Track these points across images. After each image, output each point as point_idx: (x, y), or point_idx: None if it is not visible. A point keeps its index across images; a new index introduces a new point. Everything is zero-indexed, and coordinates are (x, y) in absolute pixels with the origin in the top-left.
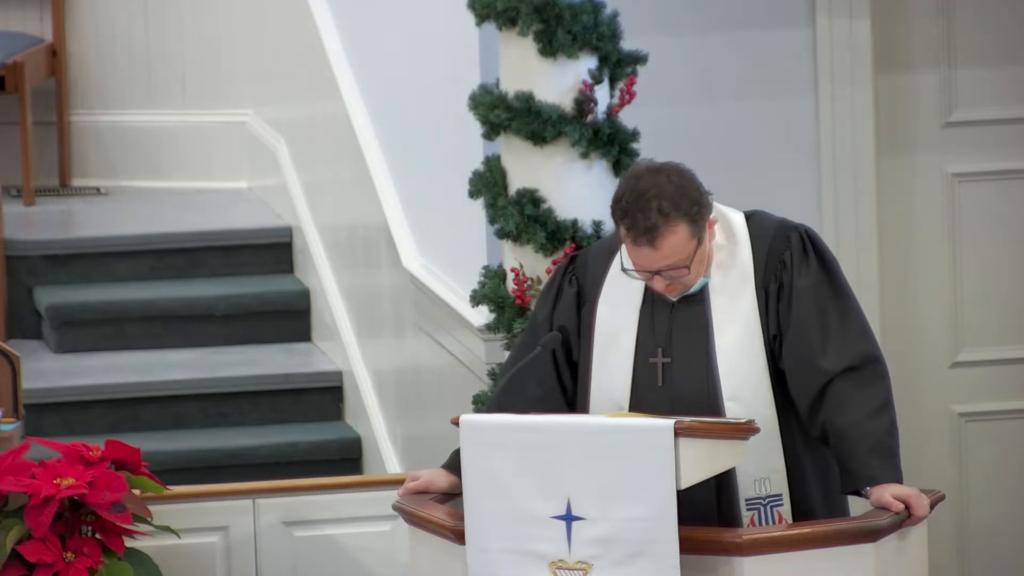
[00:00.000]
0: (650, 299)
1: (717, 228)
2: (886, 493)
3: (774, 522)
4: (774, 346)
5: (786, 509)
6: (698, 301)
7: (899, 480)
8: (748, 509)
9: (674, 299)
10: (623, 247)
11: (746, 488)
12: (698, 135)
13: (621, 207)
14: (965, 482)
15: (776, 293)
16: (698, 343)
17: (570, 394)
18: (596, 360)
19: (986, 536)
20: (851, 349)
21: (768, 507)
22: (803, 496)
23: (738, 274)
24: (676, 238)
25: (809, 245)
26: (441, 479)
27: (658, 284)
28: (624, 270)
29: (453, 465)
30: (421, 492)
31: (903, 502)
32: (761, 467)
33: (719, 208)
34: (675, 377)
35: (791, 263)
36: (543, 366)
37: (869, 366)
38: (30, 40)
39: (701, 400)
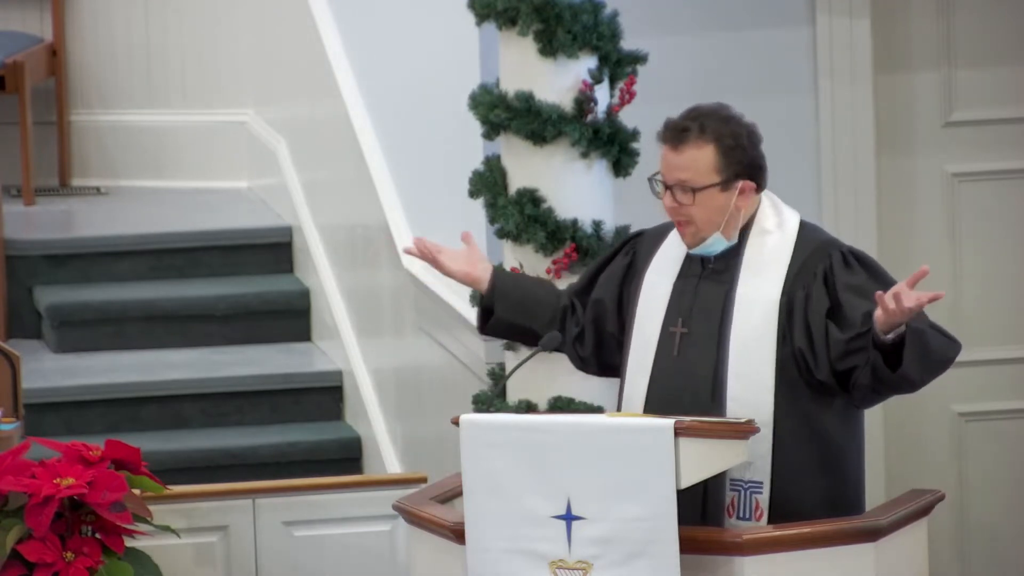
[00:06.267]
0: (684, 272)
1: (770, 213)
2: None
3: (751, 509)
4: (796, 356)
5: (764, 499)
6: (726, 280)
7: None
8: (731, 489)
9: (690, 251)
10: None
11: (732, 467)
12: None
13: (669, 122)
14: (965, 482)
15: (803, 302)
16: (714, 318)
17: (586, 350)
18: (636, 326)
19: (986, 536)
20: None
21: (747, 492)
22: (785, 495)
23: (775, 263)
24: (699, 153)
25: (852, 258)
26: (462, 262)
27: (666, 201)
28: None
29: (499, 278)
30: (433, 256)
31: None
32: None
33: (775, 199)
34: (689, 348)
35: (831, 274)
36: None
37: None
38: (30, 40)
39: (707, 373)
